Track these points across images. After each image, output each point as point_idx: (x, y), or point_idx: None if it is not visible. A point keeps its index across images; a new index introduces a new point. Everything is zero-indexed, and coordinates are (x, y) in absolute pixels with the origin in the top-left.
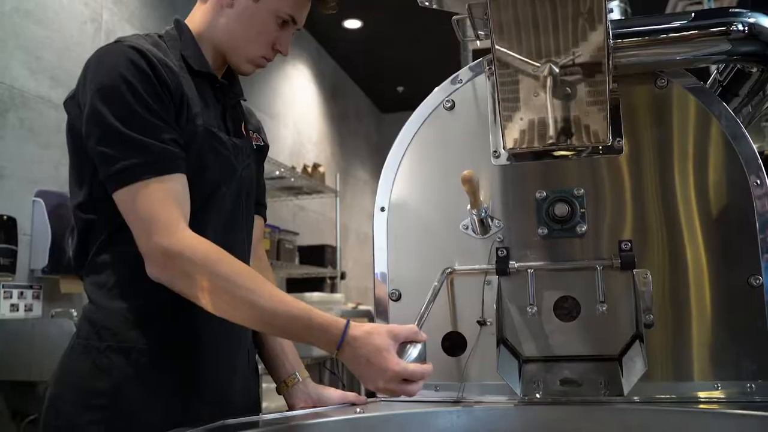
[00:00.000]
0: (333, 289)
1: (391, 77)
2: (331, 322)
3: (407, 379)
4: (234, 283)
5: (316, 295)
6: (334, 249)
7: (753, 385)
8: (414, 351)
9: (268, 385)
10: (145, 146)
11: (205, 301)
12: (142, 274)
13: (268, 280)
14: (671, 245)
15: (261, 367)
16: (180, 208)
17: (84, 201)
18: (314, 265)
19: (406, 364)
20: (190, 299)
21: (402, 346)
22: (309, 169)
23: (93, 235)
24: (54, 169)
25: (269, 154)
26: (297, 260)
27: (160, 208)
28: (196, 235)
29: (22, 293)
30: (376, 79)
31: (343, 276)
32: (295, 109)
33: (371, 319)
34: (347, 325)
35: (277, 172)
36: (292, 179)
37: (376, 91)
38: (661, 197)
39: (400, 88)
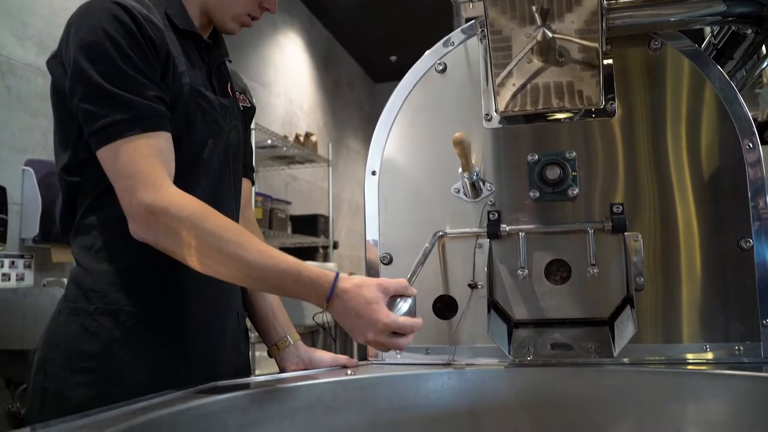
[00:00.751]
0: (326, 259)
1: (384, 46)
2: (321, 276)
3: (397, 333)
4: (221, 239)
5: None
6: (326, 218)
7: (741, 347)
8: (404, 305)
9: (261, 353)
10: (129, 103)
11: (191, 259)
12: (130, 235)
13: None
14: (663, 208)
15: (255, 336)
16: (165, 165)
17: (69, 163)
18: (307, 235)
19: (396, 317)
20: (175, 258)
21: (392, 300)
22: (301, 139)
23: (79, 197)
24: (43, 138)
25: (261, 122)
26: (289, 229)
27: (144, 165)
28: (181, 192)
29: (13, 263)
30: (369, 48)
31: (335, 245)
32: (287, 78)
33: None
34: (336, 277)
35: (269, 141)
36: (284, 148)
37: (368, 60)
38: (654, 160)
39: (393, 57)
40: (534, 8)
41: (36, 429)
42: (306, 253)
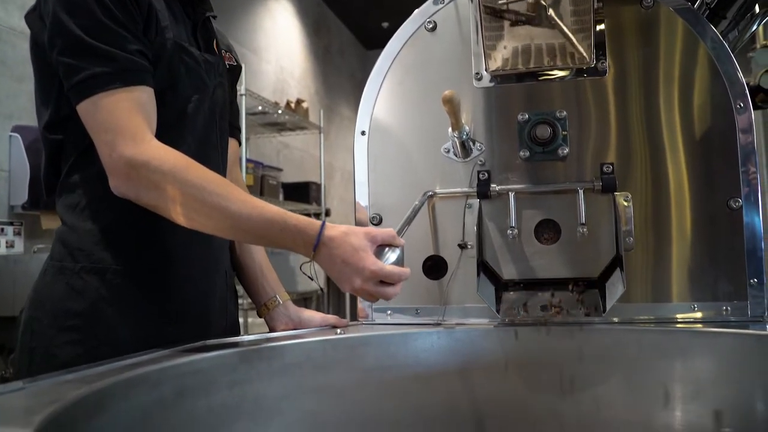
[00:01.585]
0: None
1: (376, 12)
2: (307, 224)
3: (384, 282)
4: (204, 190)
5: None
6: (318, 186)
7: (728, 307)
8: (392, 255)
9: (253, 319)
10: (109, 56)
11: (175, 212)
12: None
13: None
14: (653, 168)
15: (248, 302)
16: (146, 119)
17: (51, 120)
18: (299, 202)
19: (383, 265)
20: (159, 213)
21: (380, 250)
22: (292, 105)
23: (63, 156)
24: (30, 103)
25: (252, 89)
26: (281, 197)
27: (125, 119)
28: (163, 145)
29: (2, 230)
30: (361, 14)
31: (327, 213)
32: (277, 45)
33: None
34: (323, 225)
35: (260, 108)
36: (275, 115)
37: (360, 26)
38: (645, 120)
39: (385, 24)
40: None
41: (24, 383)
42: None
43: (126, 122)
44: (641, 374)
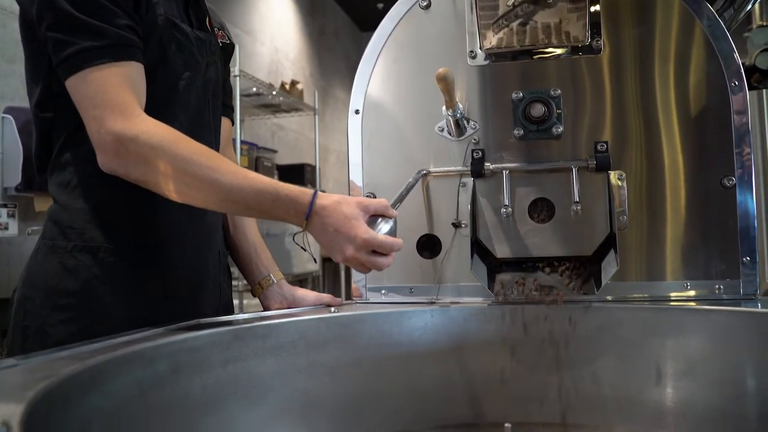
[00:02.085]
0: None
1: None
2: (299, 193)
3: (377, 252)
4: (194, 163)
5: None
6: (313, 168)
7: (721, 286)
8: (385, 226)
9: (248, 300)
10: (99, 30)
11: (165, 186)
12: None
13: None
14: (647, 146)
15: (243, 284)
16: (136, 95)
17: (42, 98)
18: (293, 184)
19: (376, 234)
20: (148, 188)
21: (372, 220)
22: (287, 86)
23: (54, 134)
24: (22, 85)
25: (246, 70)
26: (276, 178)
27: (114, 94)
28: (152, 119)
29: None
30: None
31: None
32: (272, 26)
33: None
34: (315, 194)
35: (254, 89)
36: (270, 96)
37: (355, 7)
38: (640, 99)
39: (380, 5)
40: None
41: (17, 360)
42: None
43: (115, 97)
44: (634, 352)
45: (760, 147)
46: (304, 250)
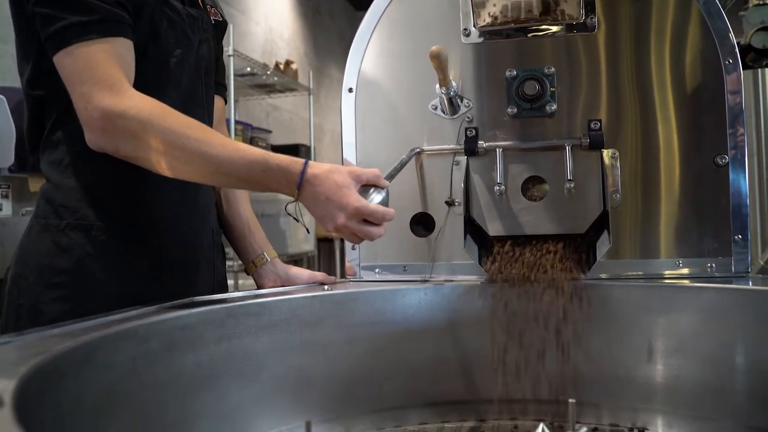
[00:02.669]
0: None
1: None
2: (290, 163)
3: (369, 222)
4: (184, 136)
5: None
6: (308, 148)
7: (713, 264)
8: (377, 196)
9: (243, 281)
10: (87, 6)
11: (156, 161)
12: None
13: None
14: (641, 124)
15: (238, 264)
16: (124, 71)
17: (33, 75)
18: None
19: (367, 203)
20: (138, 163)
21: (365, 189)
22: (281, 66)
23: (46, 111)
24: (14, 64)
25: (240, 50)
26: None
27: (102, 69)
28: (140, 94)
29: None
30: None
31: None
32: (266, 5)
33: None
34: (306, 163)
35: (248, 69)
36: (264, 76)
37: None
38: (634, 76)
39: None
40: None
41: (10, 337)
42: None
43: (102, 73)
44: (626, 329)
45: (755, 126)
46: (297, 220)
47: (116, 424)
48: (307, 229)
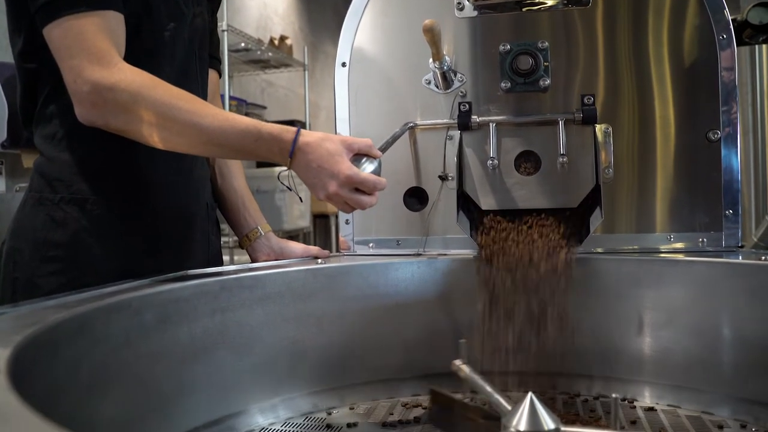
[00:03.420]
0: None
1: None
2: (282, 131)
3: (360, 191)
4: (174, 107)
5: (285, 178)
6: (303, 125)
7: (705, 239)
8: (369, 165)
9: (239, 257)
10: None
11: (148, 133)
12: None
13: None
14: (634, 99)
15: (233, 240)
16: (114, 44)
17: (25, 48)
18: None
19: (359, 170)
20: (130, 137)
21: (357, 159)
22: (276, 42)
23: (39, 85)
24: (5, 39)
25: (235, 25)
26: None
27: (91, 42)
28: (131, 66)
29: None
30: None
31: None
32: None
33: None
34: (298, 131)
35: (243, 45)
36: (259, 52)
37: None
38: (627, 51)
39: None
40: None
41: (5, 309)
42: None
43: (92, 46)
44: (616, 302)
45: (751, 104)
46: (290, 189)
47: (111, 394)
48: (300, 198)
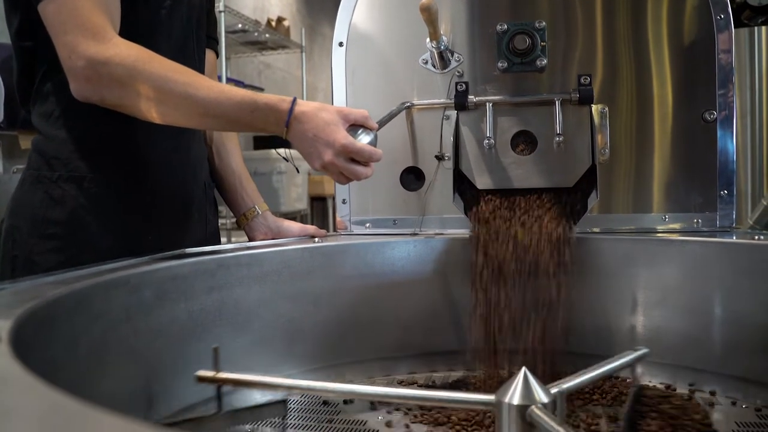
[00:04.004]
0: None
1: None
2: (278, 101)
3: (356, 161)
4: (170, 80)
5: (282, 151)
6: None
7: (699, 219)
8: (365, 137)
9: (237, 239)
10: None
11: (145, 107)
12: None
13: None
14: (631, 79)
15: (231, 221)
16: (109, 18)
17: (21, 26)
18: None
19: (354, 140)
20: (125, 111)
21: (353, 129)
22: (273, 23)
23: (35, 63)
24: (0, 20)
25: (232, 6)
26: None
27: (85, 18)
28: (125, 41)
29: None
30: None
31: None
32: None
33: None
34: (294, 101)
35: (240, 26)
36: (256, 33)
37: None
38: (624, 31)
39: None
40: None
41: (4, 284)
42: (280, 140)
43: (86, 21)
44: (610, 281)
45: (749, 86)
46: (286, 160)
47: (110, 369)
48: (297, 168)
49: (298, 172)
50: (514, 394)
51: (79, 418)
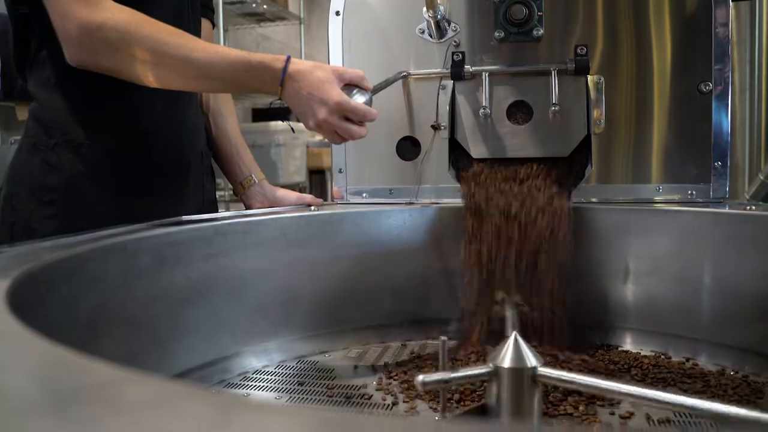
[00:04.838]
0: (299, 119)
1: None
2: (272, 59)
3: (350, 120)
4: (164, 42)
5: (281, 124)
6: None
7: (694, 191)
8: (360, 97)
9: (235, 209)
10: None
11: (141, 70)
12: None
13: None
14: (627, 50)
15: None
16: None
17: None
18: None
19: (349, 98)
20: (120, 76)
21: (348, 89)
22: None
23: (31, 31)
24: None
25: None
26: None
27: None
28: (118, 5)
29: None
30: None
31: None
32: None
33: None
34: (288, 59)
35: None
36: (254, 5)
37: None
38: (623, 2)
39: None
40: None
41: (3, 248)
42: (279, 114)
43: None
44: (604, 250)
45: (749, 60)
46: (293, 130)
47: (108, 334)
48: (292, 129)
49: (293, 131)
50: (504, 358)
51: (79, 369)
